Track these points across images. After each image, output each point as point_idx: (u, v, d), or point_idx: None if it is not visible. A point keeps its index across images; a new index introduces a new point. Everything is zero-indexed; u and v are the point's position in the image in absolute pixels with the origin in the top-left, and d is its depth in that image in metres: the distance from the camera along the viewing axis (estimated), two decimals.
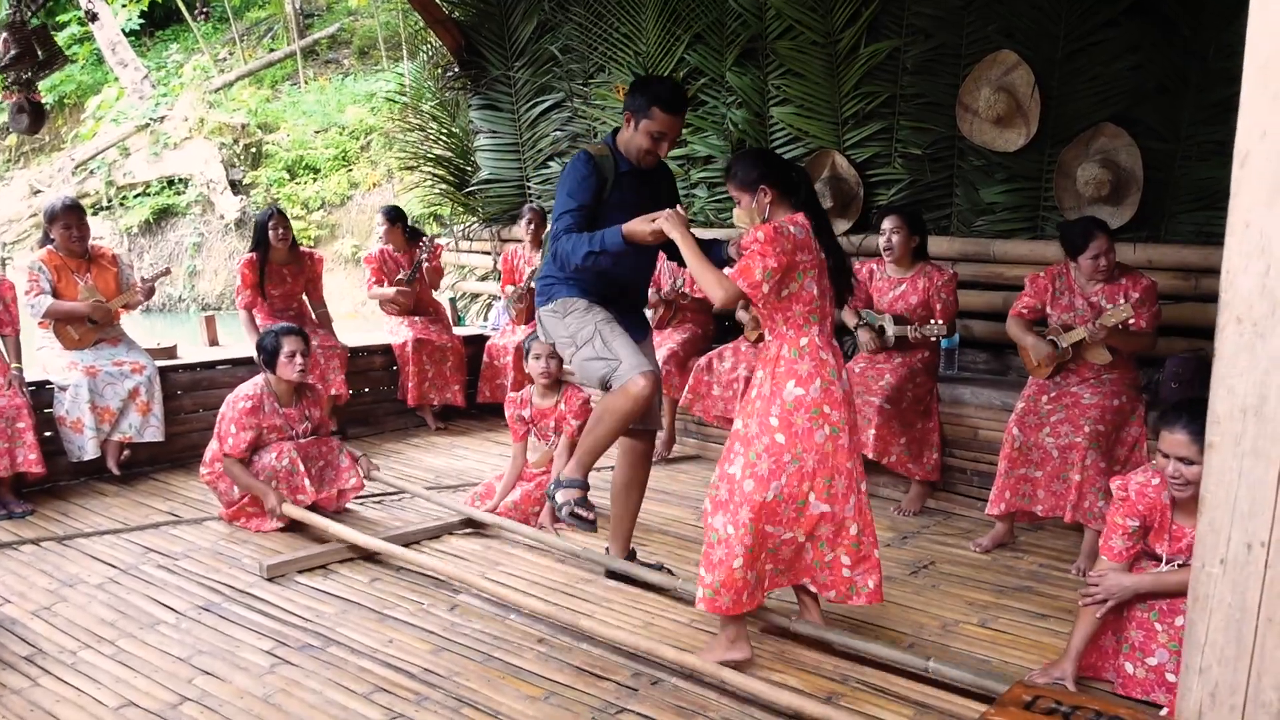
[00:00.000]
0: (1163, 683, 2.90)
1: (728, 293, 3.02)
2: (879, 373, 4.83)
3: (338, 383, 5.97)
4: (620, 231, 3.29)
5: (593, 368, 3.48)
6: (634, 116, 3.49)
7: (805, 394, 3.07)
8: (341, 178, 14.24)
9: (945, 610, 3.65)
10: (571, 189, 3.47)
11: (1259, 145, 1.63)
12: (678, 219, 3.18)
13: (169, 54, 17.45)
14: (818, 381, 3.08)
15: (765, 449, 3.08)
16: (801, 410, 3.06)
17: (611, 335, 3.48)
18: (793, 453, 3.07)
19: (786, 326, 3.13)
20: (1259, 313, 1.66)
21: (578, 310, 3.55)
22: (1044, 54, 4.95)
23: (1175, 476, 2.83)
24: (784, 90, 5.86)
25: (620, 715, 2.86)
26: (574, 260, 3.37)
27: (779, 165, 3.19)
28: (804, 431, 3.07)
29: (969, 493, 4.86)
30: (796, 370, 3.09)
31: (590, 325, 3.50)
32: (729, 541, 3.07)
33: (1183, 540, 2.94)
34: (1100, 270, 4.10)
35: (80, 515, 4.72)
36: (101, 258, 5.33)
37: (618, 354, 3.43)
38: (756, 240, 3.00)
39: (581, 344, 3.51)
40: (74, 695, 2.98)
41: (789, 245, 3.00)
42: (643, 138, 3.48)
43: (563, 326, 3.57)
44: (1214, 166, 4.59)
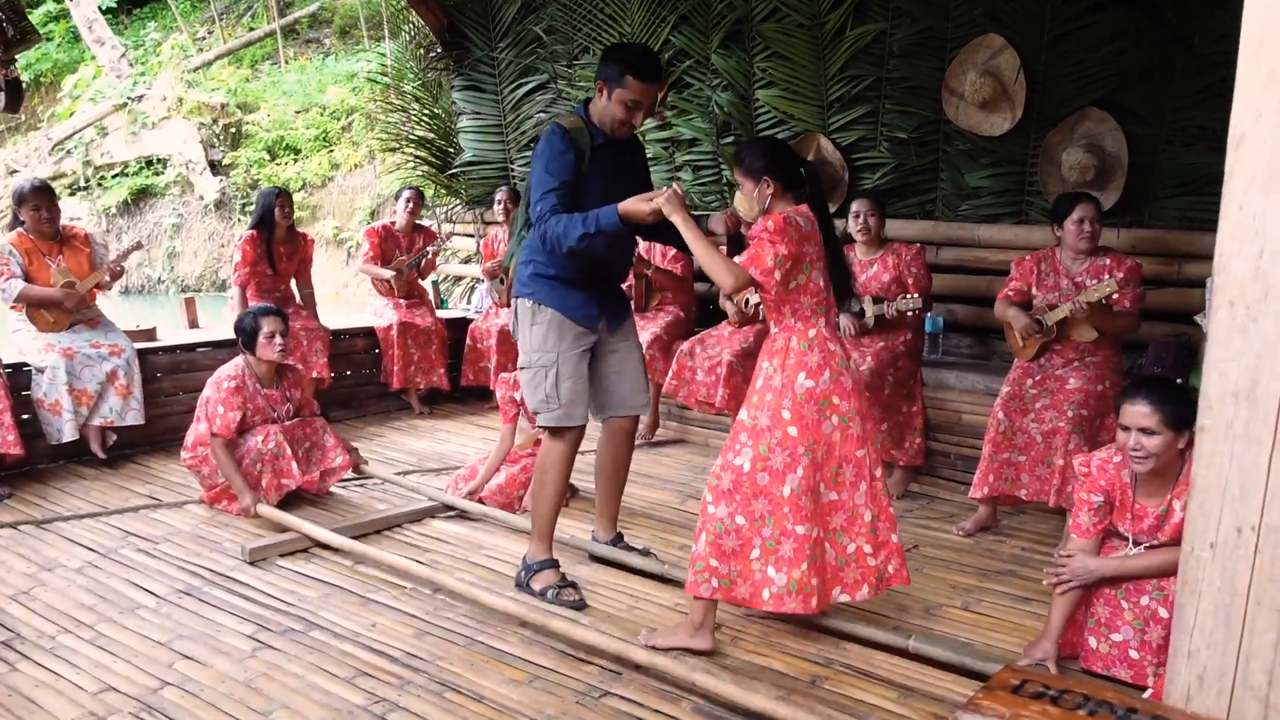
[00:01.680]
0: (1125, 659, 2.94)
1: (738, 280, 2.99)
2: (860, 356, 4.83)
3: (320, 365, 5.92)
4: (616, 211, 3.19)
5: (533, 393, 3.51)
6: (607, 86, 3.37)
7: (815, 385, 3.06)
8: (322, 159, 14.11)
9: (928, 594, 3.65)
10: (549, 165, 3.34)
11: (1254, 127, 1.62)
12: (678, 200, 3.11)
13: (147, 32, 17.23)
14: (827, 373, 3.07)
15: (779, 442, 3.05)
16: (811, 402, 3.05)
17: (564, 377, 3.46)
18: (805, 444, 3.05)
19: (794, 319, 3.11)
20: (1252, 296, 1.66)
21: (544, 325, 3.48)
22: (1030, 38, 4.94)
23: (1136, 449, 2.86)
24: (769, 73, 5.83)
25: (604, 699, 2.85)
26: (566, 243, 3.27)
27: (787, 159, 3.14)
28: (813, 423, 3.06)
29: (952, 477, 4.87)
30: (806, 362, 3.07)
31: (552, 354, 3.47)
32: (741, 531, 3.05)
33: (1145, 520, 2.97)
34: (1084, 235, 4.11)
35: (59, 499, 4.66)
36: (74, 238, 5.25)
37: (559, 397, 3.46)
38: (766, 229, 2.97)
39: (534, 365, 3.49)
40: (52, 680, 2.95)
41: (796, 235, 2.98)
42: (617, 107, 3.36)
43: (528, 333, 3.52)
44: (1198, 152, 4.60)
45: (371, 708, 2.80)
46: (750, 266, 2.97)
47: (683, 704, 2.83)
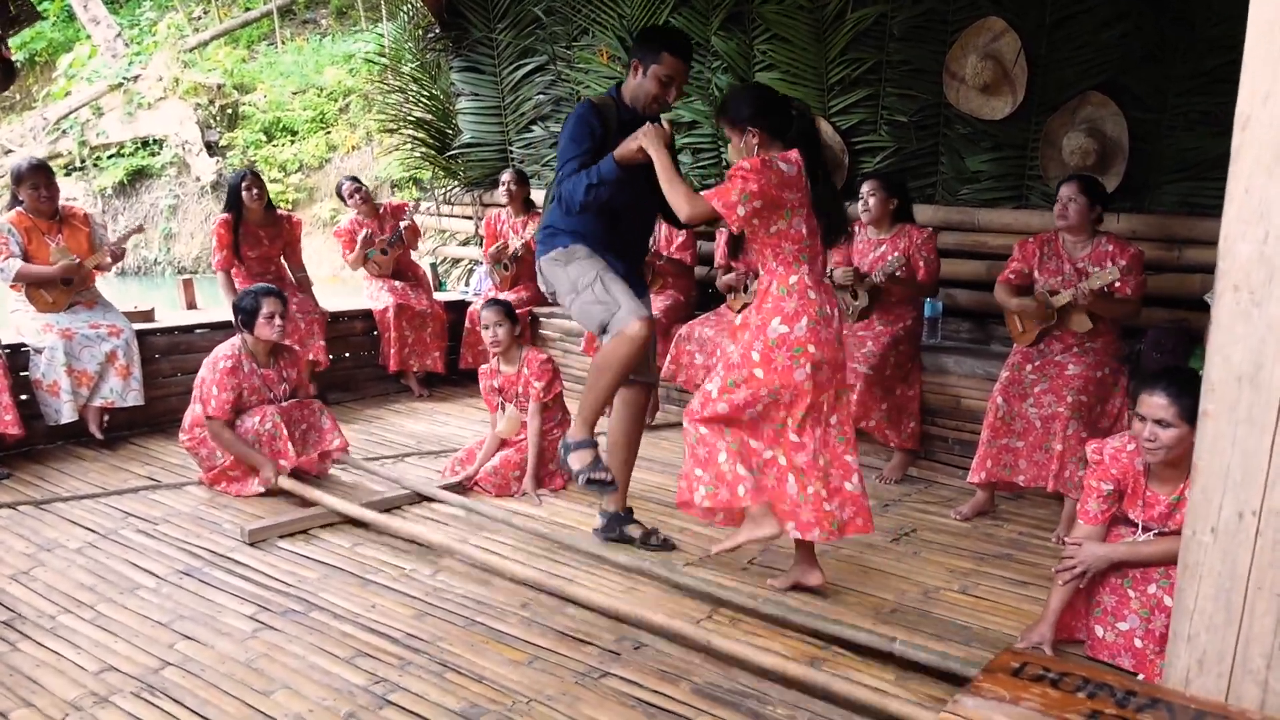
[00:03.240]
0: (1130, 647, 2.94)
1: (695, 209, 3.07)
2: (861, 340, 4.83)
3: (317, 349, 5.92)
4: (613, 158, 3.41)
5: (593, 312, 3.56)
6: (643, 63, 3.57)
7: (789, 332, 3.13)
8: (320, 140, 14.06)
9: (926, 577, 3.66)
10: (574, 134, 3.54)
11: (1261, 109, 1.62)
12: (657, 132, 3.27)
13: (142, 11, 17.13)
14: (804, 320, 3.13)
15: (744, 380, 3.18)
16: (784, 348, 3.13)
17: (611, 281, 3.56)
18: (770, 388, 3.16)
19: (776, 263, 3.18)
20: (1256, 280, 1.66)
21: (580, 257, 3.62)
22: (1032, 21, 4.92)
23: (1150, 439, 2.85)
24: (769, 55, 5.80)
25: (604, 679, 2.86)
26: (578, 197, 3.47)
27: (771, 105, 3.18)
28: (783, 369, 3.14)
29: (951, 461, 4.87)
30: (783, 307, 3.15)
31: (592, 271, 3.58)
32: (705, 439, 3.21)
33: (1156, 507, 2.97)
34: (1063, 216, 4.15)
35: (58, 479, 4.66)
36: (73, 218, 5.23)
37: (617, 299, 3.52)
38: (741, 168, 3.02)
39: (582, 289, 3.57)
40: (53, 660, 2.95)
41: (775, 179, 3.02)
42: (652, 83, 3.56)
43: (564, 274, 3.63)
44: (1200, 136, 4.58)
45: (372, 688, 2.80)
46: (714, 198, 3.02)
47: (681, 684, 2.84)
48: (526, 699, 2.75)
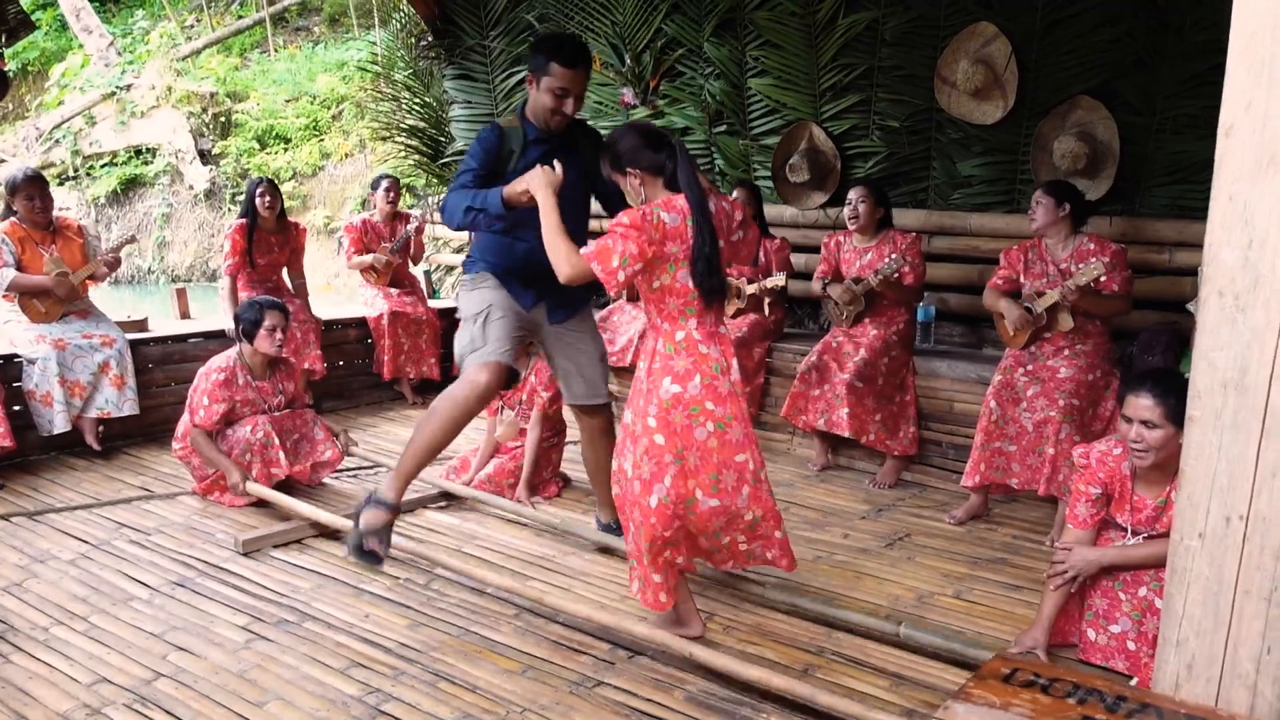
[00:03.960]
0: (1123, 650, 2.95)
1: (574, 271, 2.81)
2: (855, 347, 4.84)
3: (313, 357, 5.92)
4: (500, 193, 3.19)
5: (460, 344, 3.49)
6: (535, 76, 3.40)
7: (683, 391, 2.89)
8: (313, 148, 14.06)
9: (920, 582, 3.67)
10: (472, 151, 3.45)
11: (1244, 117, 1.63)
12: (545, 177, 3.01)
13: (135, 20, 17.13)
14: (697, 378, 2.89)
15: (646, 450, 2.93)
16: (680, 408, 2.89)
17: (496, 322, 3.46)
18: (673, 453, 2.90)
19: (661, 319, 2.95)
20: (1241, 286, 1.67)
21: (482, 287, 3.54)
22: (1022, 26, 4.94)
23: (1137, 441, 2.86)
24: (762, 61, 5.82)
25: (597, 689, 2.86)
26: (455, 217, 3.33)
27: (644, 142, 2.93)
28: (683, 429, 2.90)
29: (944, 465, 4.88)
30: (673, 367, 2.91)
31: (483, 305, 3.49)
32: (632, 536, 3.03)
33: (1143, 511, 2.98)
34: (1032, 217, 4.20)
35: (51, 490, 4.65)
36: (67, 229, 5.23)
37: (486, 337, 3.43)
38: (621, 224, 2.78)
39: (466, 318, 3.51)
40: (46, 672, 2.95)
41: (657, 235, 2.78)
42: (545, 96, 3.38)
43: (466, 299, 3.57)
44: (1189, 140, 4.61)
45: (365, 698, 2.80)
46: (594, 261, 2.77)
47: (675, 693, 2.84)
48: (520, 708, 2.75)
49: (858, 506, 4.55)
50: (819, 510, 4.49)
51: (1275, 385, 1.67)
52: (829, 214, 5.79)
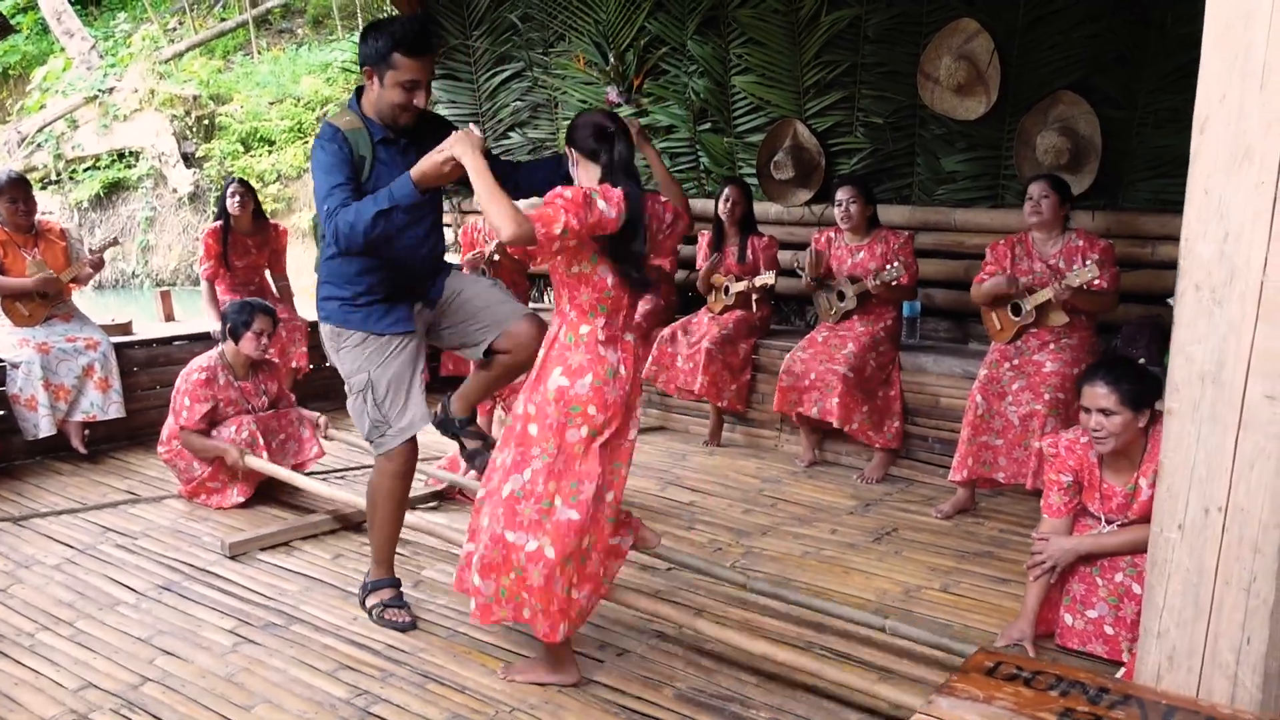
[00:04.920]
0: (1100, 634, 2.98)
1: (520, 230, 2.55)
2: (841, 341, 4.86)
3: (299, 355, 5.90)
4: (409, 178, 2.84)
5: (363, 421, 3.23)
6: (375, 70, 2.98)
7: (569, 386, 2.75)
8: (297, 150, 14.00)
9: (907, 576, 3.69)
10: (326, 165, 2.96)
11: (1218, 111, 1.64)
12: (470, 139, 2.75)
13: (116, 23, 17.03)
14: (589, 377, 2.75)
15: (516, 438, 2.82)
16: (560, 403, 2.75)
17: (383, 389, 3.17)
18: (542, 447, 2.76)
19: (570, 307, 2.80)
20: (1217, 279, 1.68)
21: (350, 346, 3.20)
22: (1004, 22, 4.95)
23: (1097, 429, 2.90)
24: (745, 59, 5.83)
25: (587, 687, 2.87)
26: (360, 230, 2.84)
27: (589, 129, 2.80)
28: (557, 426, 2.75)
29: (931, 460, 4.90)
30: (567, 359, 2.77)
31: (364, 374, 3.17)
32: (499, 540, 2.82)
33: (1113, 499, 3.02)
34: (1035, 212, 4.20)
35: (36, 495, 4.63)
36: (49, 232, 5.21)
37: (386, 417, 3.18)
38: (563, 196, 2.61)
39: (355, 390, 3.21)
40: (32, 678, 2.94)
41: (591, 219, 2.63)
42: (393, 92, 2.98)
43: (338, 359, 3.26)
44: (1170, 134, 4.63)
45: (354, 700, 2.80)
46: (538, 224, 2.57)
47: (665, 690, 2.85)
48: (509, 708, 2.76)
49: (845, 502, 4.56)
50: (807, 506, 4.50)
51: (1252, 378, 1.68)
52: (814, 211, 5.80)
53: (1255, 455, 1.68)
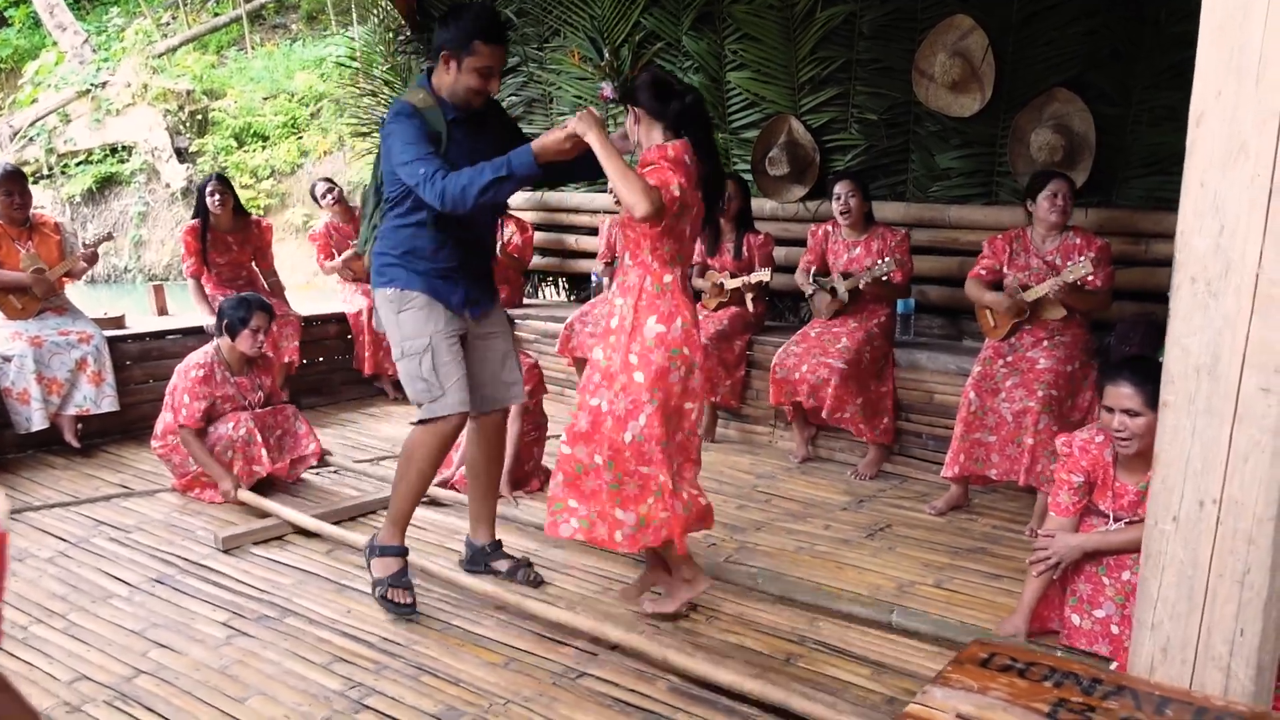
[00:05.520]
0: (1107, 634, 2.98)
1: (652, 204, 2.78)
2: (835, 336, 4.86)
3: (291, 350, 5.89)
4: (529, 150, 2.95)
5: (414, 385, 3.25)
6: (454, 55, 3.12)
7: (666, 331, 3.02)
8: (291, 145, 13.99)
9: (901, 571, 3.69)
10: (411, 138, 3.06)
11: (1214, 106, 1.65)
12: (594, 118, 2.88)
13: (109, 17, 16.98)
14: (679, 321, 3.03)
15: (623, 387, 3.03)
16: (662, 348, 3.01)
17: (442, 359, 3.22)
18: (649, 391, 3.01)
19: (653, 259, 3.03)
20: (1212, 272, 1.69)
21: (415, 308, 3.24)
22: (999, 18, 4.96)
23: (1120, 430, 2.89)
24: (740, 55, 5.83)
25: (580, 680, 2.87)
26: (473, 193, 2.92)
27: (656, 87, 3.00)
28: (659, 370, 3.01)
29: (924, 456, 4.91)
30: (658, 306, 3.03)
31: (425, 337, 3.22)
32: (599, 472, 3.08)
33: (1125, 497, 3.01)
34: (1055, 209, 4.15)
35: (28, 488, 4.62)
36: (43, 225, 5.20)
37: (443, 384, 3.21)
38: (665, 158, 2.89)
39: (409, 354, 3.24)
40: (25, 670, 2.93)
41: (685, 175, 2.93)
42: (470, 77, 3.12)
43: (395, 322, 3.27)
44: (1165, 132, 4.64)
45: (348, 693, 2.80)
46: (661, 188, 2.81)
47: (658, 683, 2.85)
48: (504, 700, 2.76)
49: (839, 498, 4.57)
50: (800, 502, 4.51)
51: (1247, 370, 1.69)
52: (808, 207, 5.80)
53: (1250, 448, 1.69)
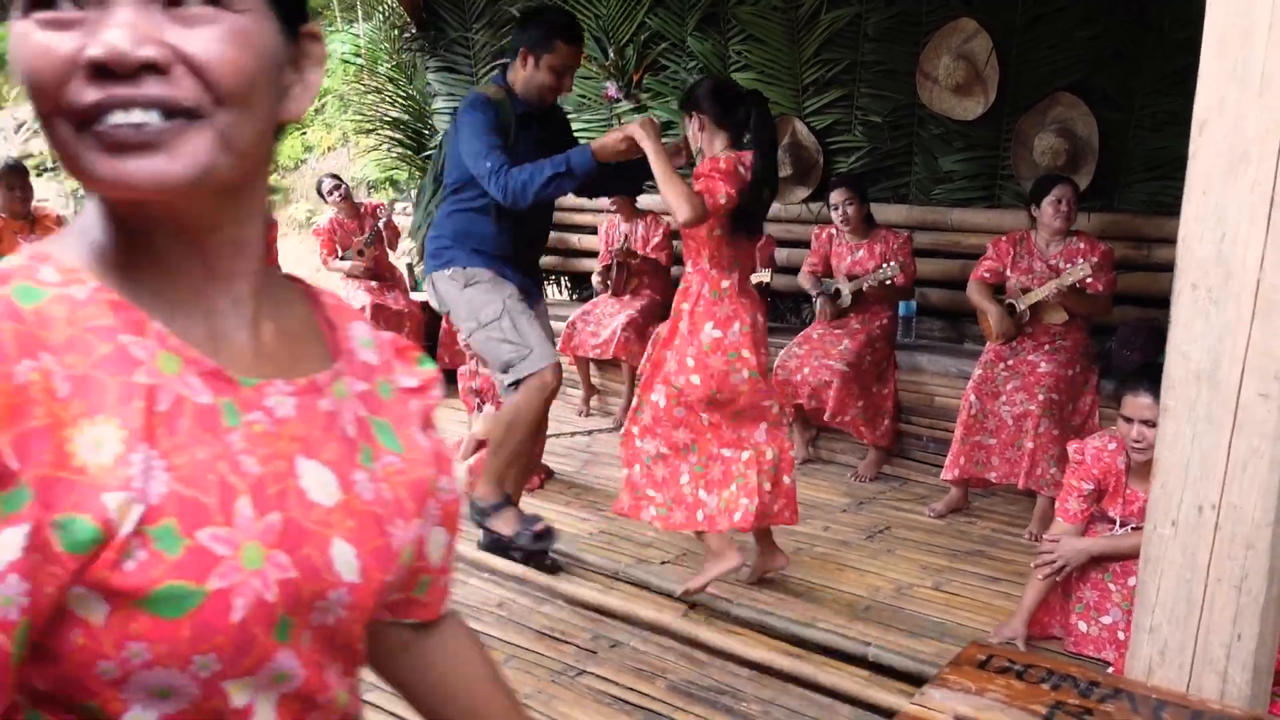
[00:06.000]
0: (1114, 640, 2.98)
1: (696, 212, 2.93)
2: (837, 338, 4.87)
3: None
4: (590, 150, 3.14)
5: (500, 350, 3.32)
6: (532, 52, 3.31)
7: (723, 336, 3.11)
8: (295, 141, 13.99)
9: (900, 574, 3.70)
10: (483, 129, 3.22)
11: (1216, 114, 1.66)
12: (652, 126, 3.06)
13: None
14: (737, 324, 3.12)
15: (682, 389, 3.15)
16: (718, 353, 3.11)
17: (520, 315, 3.33)
18: (709, 392, 3.12)
19: (711, 266, 3.14)
20: (1214, 280, 1.70)
21: (482, 281, 3.36)
22: (1003, 21, 4.97)
23: (1138, 440, 2.88)
24: (745, 56, 5.84)
25: (580, 677, 2.88)
26: (533, 188, 3.11)
27: (720, 93, 3.12)
28: (719, 374, 3.11)
29: (924, 459, 4.91)
30: (715, 312, 3.12)
31: (498, 303, 3.32)
32: (669, 460, 3.18)
33: (1135, 504, 3.01)
34: (1060, 214, 4.15)
35: None
36: (46, 219, 5.23)
37: (528, 340, 3.30)
38: (717, 169, 2.97)
39: (486, 322, 3.33)
40: None
41: (738, 185, 2.99)
42: (545, 74, 3.32)
43: (462, 298, 3.38)
44: (1168, 137, 4.65)
45: None
46: (706, 196, 2.95)
47: (658, 682, 2.86)
48: None
49: (839, 499, 4.58)
50: (800, 503, 4.45)
51: (1247, 377, 1.69)
52: (811, 209, 5.81)
53: (1249, 454, 1.70)
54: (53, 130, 0.65)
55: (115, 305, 0.68)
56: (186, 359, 0.70)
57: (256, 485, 0.70)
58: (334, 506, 0.75)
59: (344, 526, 0.75)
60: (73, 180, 0.67)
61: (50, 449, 0.61)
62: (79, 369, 0.64)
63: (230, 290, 0.76)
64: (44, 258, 0.69)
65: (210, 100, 0.66)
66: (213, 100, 0.66)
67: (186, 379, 0.69)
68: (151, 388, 0.67)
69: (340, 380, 0.82)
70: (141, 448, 0.64)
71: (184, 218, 0.71)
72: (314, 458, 0.75)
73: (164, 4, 0.65)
